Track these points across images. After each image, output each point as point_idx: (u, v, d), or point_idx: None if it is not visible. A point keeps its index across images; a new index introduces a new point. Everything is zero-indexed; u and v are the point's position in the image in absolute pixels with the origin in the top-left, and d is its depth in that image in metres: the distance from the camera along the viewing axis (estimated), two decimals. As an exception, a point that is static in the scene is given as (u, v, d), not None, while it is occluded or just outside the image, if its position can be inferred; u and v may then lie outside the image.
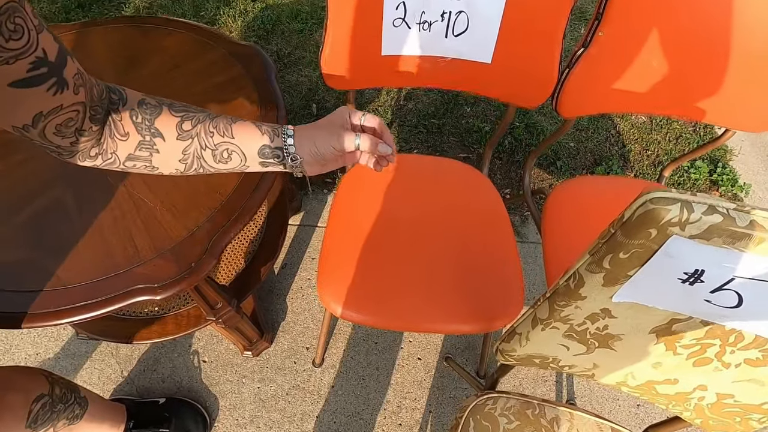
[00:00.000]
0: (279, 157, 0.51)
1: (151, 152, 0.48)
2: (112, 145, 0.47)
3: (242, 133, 0.50)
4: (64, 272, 0.66)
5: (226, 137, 0.50)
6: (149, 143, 0.48)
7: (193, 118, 0.49)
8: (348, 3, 0.76)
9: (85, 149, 0.46)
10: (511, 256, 0.87)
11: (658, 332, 0.51)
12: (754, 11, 0.72)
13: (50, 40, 0.36)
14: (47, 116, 0.38)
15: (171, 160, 0.49)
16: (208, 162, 0.50)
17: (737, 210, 0.37)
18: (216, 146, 0.50)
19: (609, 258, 0.44)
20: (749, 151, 1.64)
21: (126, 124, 0.47)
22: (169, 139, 0.48)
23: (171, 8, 1.85)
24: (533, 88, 0.84)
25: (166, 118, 0.48)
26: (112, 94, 0.46)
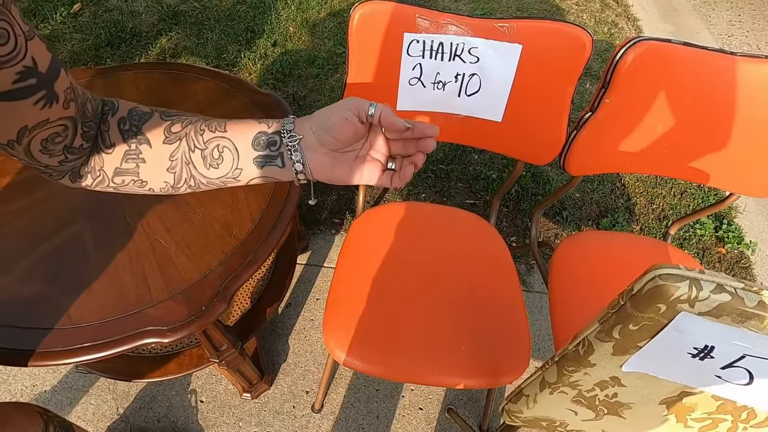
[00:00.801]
0: (275, 143, 0.43)
1: (138, 163, 0.44)
2: (99, 160, 0.43)
3: (236, 126, 0.44)
4: (76, 310, 0.67)
5: (218, 132, 0.43)
6: (135, 152, 0.43)
7: (184, 121, 0.44)
8: (367, 62, 0.80)
9: (75, 168, 0.43)
10: (517, 309, 0.87)
11: (669, 403, 0.51)
12: (755, 80, 0.75)
13: (42, 49, 0.33)
14: (32, 130, 0.35)
15: (158, 170, 0.44)
16: (198, 169, 0.44)
17: (745, 290, 0.38)
18: (206, 144, 0.43)
19: (619, 329, 0.44)
20: (754, 208, 1.66)
21: (113, 134, 0.43)
22: (155, 144, 0.43)
23: (195, 50, 1.95)
24: (542, 147, 0.87)
25: (155, 122, 0.44)
26: (105, 107, 0.44)
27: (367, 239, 0.95)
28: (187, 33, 2.02)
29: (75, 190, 0.80)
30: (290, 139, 0.43)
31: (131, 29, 2.00)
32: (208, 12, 2.10)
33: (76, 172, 0.43)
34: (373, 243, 0.94)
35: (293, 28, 2.07)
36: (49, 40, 1.96)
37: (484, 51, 0.77)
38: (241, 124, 0.44)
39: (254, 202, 0.80)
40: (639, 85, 0.76)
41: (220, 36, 2.00)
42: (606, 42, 2.16)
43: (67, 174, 0.43)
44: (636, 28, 2.29)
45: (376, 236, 0.95)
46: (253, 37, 2.01)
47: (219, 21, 2.07)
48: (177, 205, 0.79)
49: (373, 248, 0.93)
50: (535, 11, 2.29)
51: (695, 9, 2.52)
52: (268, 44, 1.98)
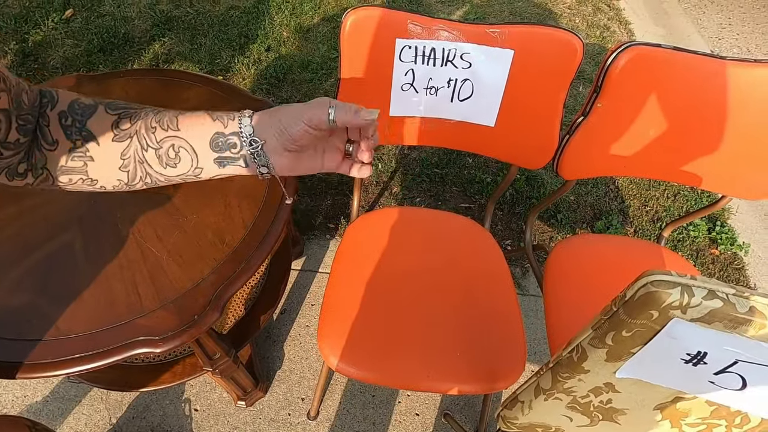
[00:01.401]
0: (236, 146, 0.42)
1: (85, 161, 0.41)
2: (41, 157, 0.40)
3: (189, 122, 0.42)
4: (65, 321, 0.66)
5: (170, 131, 0.41)
6: (81, 150, 0.40)
7: (133, 115, 0.41)
8: (359, 68, 0.80)
9: (12, 165, 0.39)
10: (512, 314, 0.87)
11: (663, 408, 0.51)
12: (745, 84, 0.75)
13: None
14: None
15: (109, 169, 0.42)
16: (153, 167, 0.42)
17: (737, 295, 0.38)
18: (160, 143, 0.41)
19: (612, 335, 0.44)
20: (747, 210, 1.67)
21: (54, 129, 0.40)
22: (103, 142, 0.41)
23: (188, 55, 1.94)
24: (535, 152, 0.87)
25: (101, 117, 0.41)
26: (43, 98, 0.40)
27: (362, 245, 0.94)
28: (180, 38, 2.01)
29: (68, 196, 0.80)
30: (252, 146, 0.42)
31: (124, 35, 2.00)
32: (201, 17, 2.10)
33: (14, 170, 0.40)
34: (367, 248, 0.93)
35: (287, 33, 2.07)
36: (41, 45, 1.95)
37: (476, 56, 0.77)
38: (194, 120, 0.42)
39: (247, 208, 0.80)
40: (630, 89, 0.76)
41: (213, 41, 2.00)
42: (598, 45, 2.18)
43: (3, 171, 0.39)
44: (628, 32, 2.31)
45: (371, 242, 0.95)
46: (246, 42, 2.01)
47: (212, 26, 2.06)
48: (168, 212, 0.78)
49: (368, 254, 0.92)
50: (527, 16, 2.30)
51: (686, 12, 2.54)
52: (261, 49, 1.98)
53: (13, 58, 1.89)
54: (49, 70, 1.86)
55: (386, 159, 1.68)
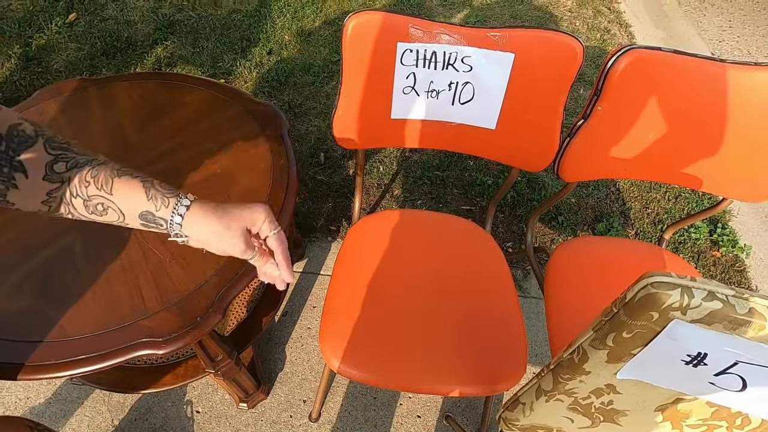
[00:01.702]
0: (162, 226, 0.46)
1: (8, 186, 0.41)
2: None
3: (123, 191, 0.44)
4: (68, 323, 0.66)
5: (103, 192, 0.43)
6: (6, 176, 0.40)
7: (69, 160, 0.42)
8: (361, 71, 0.81)
9: None
10: (514, 316, 0.87)
11: (664, 410, 0.51)
12: (745, 87, 0.76)
13: None
14: None
15: (31, 200, 0.42)
16: (78, 210, 0.44)
17: (736, 297, 0.39)
18: (89, 198, 0.43)
19: (612, 336, 0.44)
20: (748, 212, 1.67)
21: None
22: (33, 176, 0.41)
23: (190, 59, 1.95)
24: (536, 155, 0.87)
25: (37, 153, 0.41)
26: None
27: (363, 247, 0.95)
28: (183, 42, 2.02)
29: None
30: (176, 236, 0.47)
31: (127, 38, 2.01)
32: (203, 21, 2.11)
33: None
34: (368, 251, 0.94)
35: (288, 36, 2.08)
36: (45, 49, 1.96)
37: (477, 60, 0.78)
38: (128, 190, 0.44)
39: (249, 211, 0.80)
40: (631, 92, 0.77)
41: (215, 45, 2.01)
42: (599, 48, 2.18)
43: None
44: (628, 35, 2.32)
45: (372, 244, 0.95)
46: (248, 46, 2.02)
47: (214, 30, 2.08)
48: (172, 215, 0.79)
49: (369, 256, 0.93)
50: (528, 19, 2.31)
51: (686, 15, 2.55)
52: (263, 53, 1.99)
53: (17, 62, 1.90)
54: (52, 73, 1.87)
55: (387, 161, 1.68)
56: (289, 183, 0.83)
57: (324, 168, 1.63)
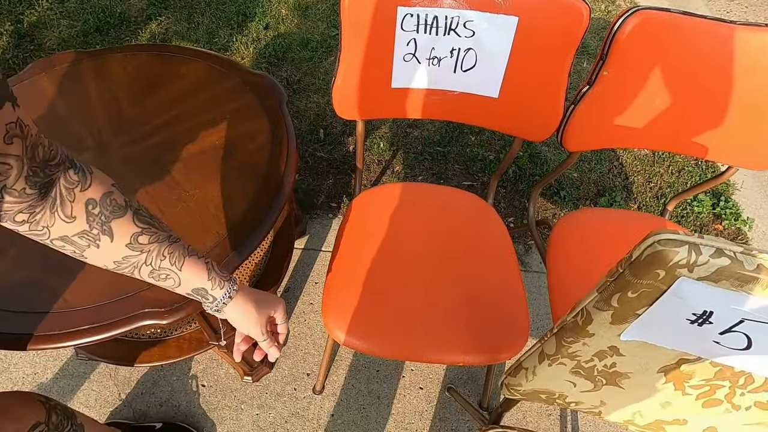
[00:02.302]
0: (209, 301, 0.55)
1: (90, 245, 0.45)
2: (50, 220, 0.42)
3: (191, 270, 0.52)
4: (71, 294, 0.66)
5: (175, 267, 0.50)
6: (94, 236, 0.45)
7: (152, 234, 0.48)
8: (361, 37, 0.79)
9: (10, 211, 0.40)
10: (516, 287, 0.87)
11: (667, 371, 0.51)
12: (754, 49, 0.74)
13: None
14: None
15: (106, 259, 0.47)
16: (142, 275, 0.50)
17: (744, 253, 0.38)
18: (160, 269, 0.50)
19: (617, 297, 0.44)
20: (751, 185, 1.65)
21: (77, 208, 0.43)
22: (117, 242, 0.46)
23: (186, 34, 1.91)
24: (539, 123, 0.86)
25: (126, 223, 0.46)
26: (74, 173, 0.43)
27: (365, 219, 0.94)
28: (178, 17, 1.98)
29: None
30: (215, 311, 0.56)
31: (120, 14, 1.96)
32: (198, -5, 2.06)
33: (10, 215, 0.41)
34: (370, 223, 0.93)
35: (285, 10, 2.03)
36: (37, 26, 1.92)
37: (480, 24, 0.75)
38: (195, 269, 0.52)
39: (248, 182, 0.79)
40: (637, 56, 0.75)
41: (211, 20, 1.96)
42: (603, 20, 2.13)
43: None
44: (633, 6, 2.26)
45: (374, 216, 0.94)
46: (244, 21, 1.97)
47: (210, 4, 2.03)
48: (170, 187, 0.78)
49: (371, 228, 0.92)
50: (531, -11, 2.25)
51: (693, -15, 2.48)
52: (260, 27, 1.95)
53: (9, 40, 1.86)
54: (45, 51, 1.84)
55: (388, 137, 1.66)
56: (289, 154, 0.82)
57: (324, 144, 1.61)
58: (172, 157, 0.81)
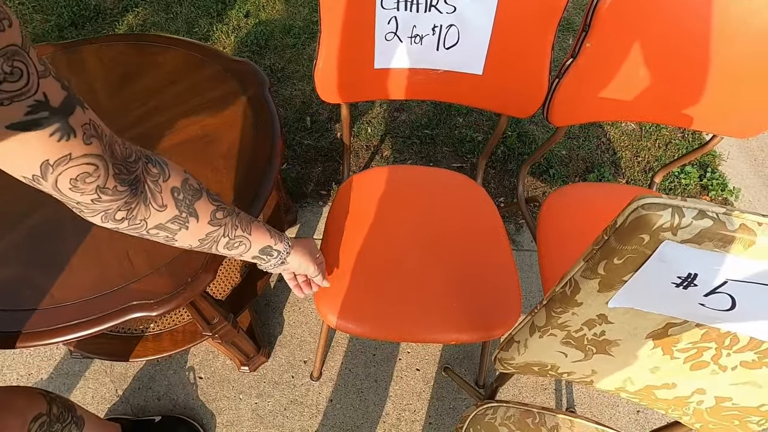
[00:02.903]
0: (272, 255, 0.63)
1: (181, 227, 0.51)
2: (145, 212, 0.47)
3: (258, 232, 0.60)
4: (59, 290, 0.65)
5: (245, 233, 0.58)
6: (183, 219, 0.50)
7: (224, 209, 0.55)
8: (341, 17, 0.77)
9: (110, 210, 0.44)
10: (507, 265, 0.87)
11: (655, 337, 0.52)
12: (732, 20, 0.74)
13: (56, 87, 0.35)
14: (55, 166, 0.37)
15: (193, 238, 0.53)
16: (219, 247, 0.56)
17: (726, 214, 0.38)
18: (234, 237, 0.57)
19: (603, 264, 0.44)
20: (737, 156, 1.67)
21: (166, 197, 0.48)
22: (201, 221, 0.52)
23: (164, 25, 1.87)
24: (524, 98, 0.85)
25: (205, 203, 0.52)
26: (152, 166, 0.47)
27: (354, 204, 0.94)
28: (155, 8, 1.93)
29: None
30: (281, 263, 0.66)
31: (95, 7, 1.91)
32: (174, -16, 2.01)
33: (111, 215, 0.45)
34: (360, 207, 0.93)
35: (265, -3, 1.99)
36: (9, 22, 1.86)
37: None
38: (260, 230, 0.60)
39: (234, 170, 0.78)
40: (619, 26, 0.74)
41: (189, 9, 1.92)
42: (587, -5, 2.12)
43: (99, 213, 0.44)
44: (617, -20, 2.24)
45: (363, 200, 0.94)
46: (224, 9, 1.93)
47: (187, -7, 1.98)
48: (154, 178, 0.76)
49: (360, 212, 0.92)
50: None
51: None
52: (240, 15, 1.91)
53: (-19, 37, 1.81)
54: (19, 47, 1.78)
55: (375, 122, 1.65)
56: (274, 140, 0.81)
57: (311, 132, 1.60)
58: (154, 149, 0.80)
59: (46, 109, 0.35)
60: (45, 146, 0.36)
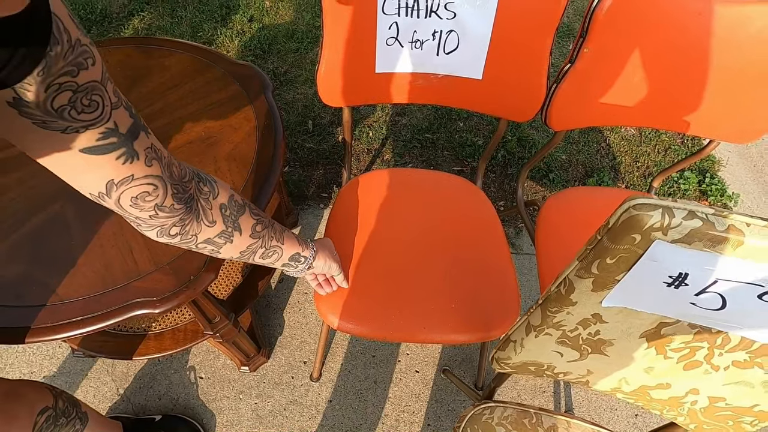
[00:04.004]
0: (300, 262, 0.68)
1: (226, 241, 0.54)
2: (197, 228, 0.50)
3: (288, 241, 0.64)
4: (63, 287, 0.67)
5: (279, 243, 0.62)
6: (229, 234, 0.54)
7: (263, 223, 0.59)
8: (343, 22, 0.79)
9: (165, 226, 0.47)
10: (505, 266, 0.88)
11: (648, 336, 0.52)
12: (728, 26, 0.75)
13: (125, 116, 0.38)
14: (119, 185, 0.40)
15: (235, 251, 0.57)
16: (255, 257, 0.60)
17: (716, 215, 0.39)
18: (270, 248, 0.61)
19: (597, 263, 0.45)
20: (737, 161, 1.68)
21: (215, 213, 0.52)
22: (244, 235, 0.56)
23: (169, 29, 1.89)
24: (523, 103, 0.86)
25: (248, 218, 0.56)
26: (203, 185, 0.51)
27: (354, 205, 0.95)
28: (160, 12, 1.96)
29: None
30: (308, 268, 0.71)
31: (101, 11, 1.94)
32: (180, -11, 2.04)
33: (166, 230, 0.48)
34: (360, 209, 0.94)
35: (269, 2, 2.02)
36: (16, 26, 1.89)
37: (460, 5, 0.76)
38: (291, 240, 0.65)
39: (237, 172, 0.79)
40: (616, 32, 0.76)
41: (194, 14, 1.94)
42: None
43: (155, 228, 0.47)
44: (618, -13, 2.26)
45: (363, 202, 0.95)
46: (228, 14, 1.96)
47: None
48: (158, 178, 0.78)
49: (361, 214, 0.93)
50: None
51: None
52: (244, 20, 1.93)
53: (-11, 40, 1.84)
54: (26, 50, 1.81)
55: (377, 126, 1.66)
56: (276, 141, 0.82)
57: (313, 135, 1.61)
58: (158, 149, 0.81)
59: (116, 135, 0.38)
60: (111, 167, 0.39)
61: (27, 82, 0.30)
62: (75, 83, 0.33)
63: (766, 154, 1.72)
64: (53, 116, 0.33)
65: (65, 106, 0.33)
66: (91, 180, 0.39)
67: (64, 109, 0.33)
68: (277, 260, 0.64)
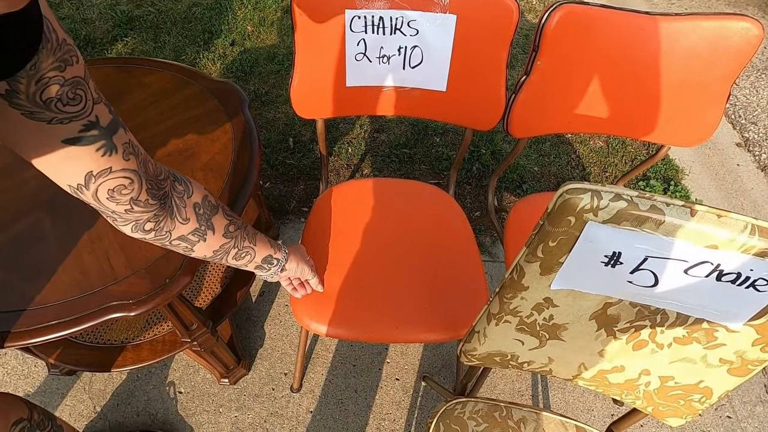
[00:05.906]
0: (273, 264, 0.71)
1: (200, 239, 0.57)
2: (171, 225, 0.53)
3: (261, 243, 0.67)
4: (39, 293, 0.68)
5: (251, 244, 0.65)
6: (202, 232, 0.57)
7: (236, 224, 0.61)
8: (314, 39, 0.84)
9: (140, 221, 0.50)
10: (475, 268, 0.92)
11: (597, 318, 0.56)
12: (669, 38, 0.82)
13: (105, 111, 0.41)
14: (97, 177, 0.43)
15: (209, 249, 0.59)
16: (228, 258, 0.63)
17: (639, 197, 0.44)
18: (242, 248, 0.64)
19: (541, 247, 0.49)
20: (699, 170, 1.77)
21: (189, 211, 0.54)
22: (217, 234, 0.59)
23: (153, 53, 1.94)
24: (485, 113, 0.92)
25: (221, 218, 0.59)
26: (178, 184, 0.53)
27: (330, 215, 0.98)
28: (144, 38, 2.01)
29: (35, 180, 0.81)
30: (281, 270, 0.74)
31: (85, 36, 1.98)
32: (163, 15, 2.10)
33: (140, 226, 0.50)
34: (335, 217, 0.97)
35: (251, 27, 2.09)
36: None
37: (422, 23, 0.82)
38: (263, 242, 0.68)
39: (213, 180, 0.83)
40: (566, 46, 0.82)
41: (177, 39, 2.00)
42: (555, 25, 2.26)
43: (130, 223, 0.50)
44: (583, 11, 2.40)
45: (338, 212, 0.99)
46: (210, 38, 2.02)
47: (175, 24, 2.07)
48: (136, 188, 0.80)
49: (336, 222, 0.96)
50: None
51: (637, -10, 2.64)
52: (226, 44, 2.00)
53: (-28, 65, 1.86)
54: (9, 74, 1.84)
55: (355, 142, 1.72)
56: (252, 152, 0.86)
57: (293, 152, 1.66)
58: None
59: (97, 128, 0.40)
60: (91, 159, 0.41)
61: (20, 75, 0.33)
62: (62, 78, 0.36)
63: (726, 163, 1.81)
64: (41, 107, 0.36)
65: (52, 98, 0.36)
66: (71, 171, 0.42)
67: (51, 101, 0.36)
68: (249, 261, 0.67)
